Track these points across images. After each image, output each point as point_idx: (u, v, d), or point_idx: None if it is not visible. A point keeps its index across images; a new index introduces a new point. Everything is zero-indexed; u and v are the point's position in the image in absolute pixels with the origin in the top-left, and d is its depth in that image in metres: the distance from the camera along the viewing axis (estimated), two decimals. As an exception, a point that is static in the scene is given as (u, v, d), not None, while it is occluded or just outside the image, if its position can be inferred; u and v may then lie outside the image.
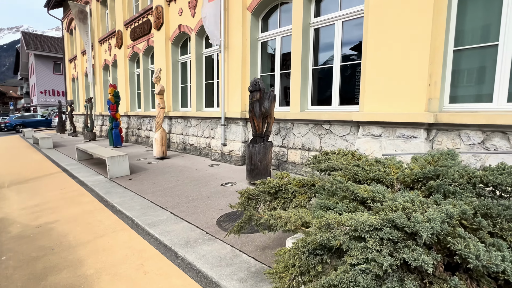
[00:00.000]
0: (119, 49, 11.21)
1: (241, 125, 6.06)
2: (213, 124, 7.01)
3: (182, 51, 8.58)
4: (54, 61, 31.43)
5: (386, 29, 3.77)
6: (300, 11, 4.98)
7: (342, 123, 4.45)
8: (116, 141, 9.51)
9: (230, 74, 6.23)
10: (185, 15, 7.75)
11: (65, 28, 18.19)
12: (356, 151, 2.24)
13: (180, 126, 8.21)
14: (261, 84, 4.27)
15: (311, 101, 5.25)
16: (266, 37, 5.97)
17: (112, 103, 9.40)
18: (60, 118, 16.96)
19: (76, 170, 5.97)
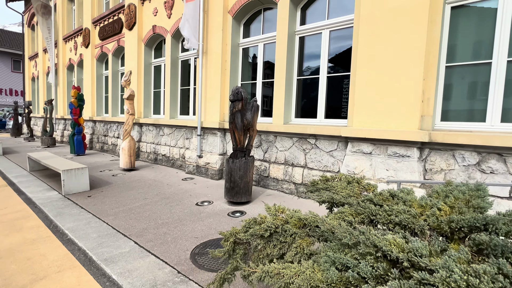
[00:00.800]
0: (86, 48, 10.33)
1: (219, 136, 5.60)
2: (188, 133, 6.48)
3: (156, 54, 8.00)
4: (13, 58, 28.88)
5: (377, 41, 3.56)
6: (285, 18, 4.69)
7: (329, 138, 4.16)
8: (78, 149, 8.60)
9: (208, 81, 5.78)
10: (160, 15, 7.21)
11: (26, 23, 16.71)
12: (362, 179, 1.90)
13: (151, 135, 7.56)
14: (243, 93, 3.88)
15: (295, 113, 4.94)
16: (248, 44, 5.62)
17: (75, 107, 8.52)
18: (16, 120, 15.35)
19: (25, 183, 5.14)
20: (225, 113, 5.70)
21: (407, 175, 3.33)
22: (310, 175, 4.32)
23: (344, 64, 4.43)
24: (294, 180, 4.51)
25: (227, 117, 5.68)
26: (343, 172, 3.75)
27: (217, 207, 3.92)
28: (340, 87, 4.48)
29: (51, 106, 10.99)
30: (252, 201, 4.16)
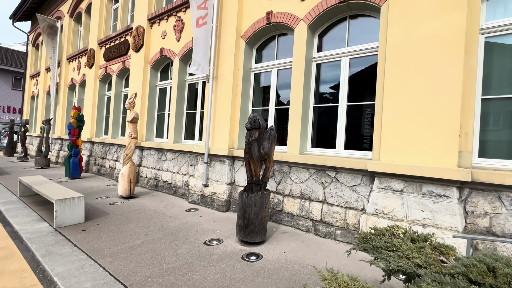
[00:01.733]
0: (90, 68, 10.18)
1: (227, 164, 5.24)
2: (192, 159, 6.11)
3: (162, 76, 7.82)
4: (14, 76, 28.91)
5: (407, 70, 3.34)
6: (302, 44, 4.52)
7: (352, 172, 3.82)
8: (74, 172, 8.14)
9: (217, 106, 5.51)
10: (169, 38, 7.10)
11: (31, 42, 16.77)
12: (432, 236, 1.53)
13: (152, 159, 7.18)
14: (261, 121, 3.58)
15: (311, 142, 4.64)
16: (261, 69, 5.43)
17: (74, 128, 8.18)
18: (11, 138, 14.90)
19: (13, 212, 4.66)
20: (234, 140, 5.39)
21: (446, 218, 2.96)
22: (330, 211, 3.93)
23: (366, 92, 4.20)
24: (312, 216, 4.10)
25: (236, 144, 5.35)
26: (370, 211, 3.38)
27: (229, 247, 3.47)
28: (362, 117, 4.22)
29: (49, 126, 10.64)
30: (267, 241, 3.72)
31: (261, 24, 5.11)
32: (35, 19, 16.45)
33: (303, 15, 4.55)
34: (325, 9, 4.30)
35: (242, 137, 5.44)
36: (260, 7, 5.15)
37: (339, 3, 4.14)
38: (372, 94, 4.11)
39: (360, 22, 4.30)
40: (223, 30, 5.56)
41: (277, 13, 4.88)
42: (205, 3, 5.63)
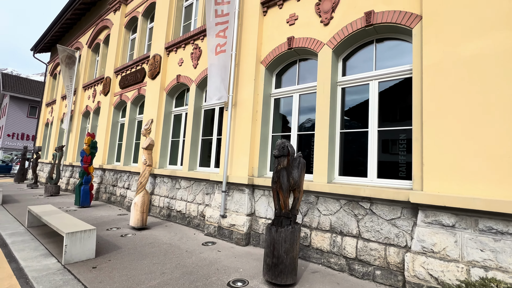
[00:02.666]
0: (105, 96, 10.29)
1: (246, 193, 4.92)
2: (208, 188, 5.82)
3: (177, 103, 7.77)
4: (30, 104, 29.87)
5: (450, 93, 3.09)
6: (327, 69, 4.38)
7: (389, 203, 3.46)
8: (84, 200, 7.89)
9: (236, 132, 5.31)
10: (185, 65, 7.13)
11: (49, 72, 17.37)
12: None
13: (165, 187, 6.90)
14: (290, 147, 3.33)
15: (339, 170, 4.33)
16: (281, 94, 5.28)
17: (87, 155, 8.05)
18: (22, 165, 14.92)
19: (19, 245, 4.36)
20: (253, 167, 5.11)
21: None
22: (366, 248, 3.52)
23: (398, 117, 3.95)
24: (345, 253, 3.68)
25: (256, 172, 5.07)
26: (416, 249, 2.98)
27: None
28: (396, 143, 3.93)
29: (61, 153, 10.59)
30: (298, 282, 3.30)
31: (282, 50, 5.03)
32: (54, 50, 17.19)
33: (327, 40, 4.45)
34: (350, 33, 4.19)
35: (263, 164, 5.17)
36: (280, 33, 5.11)
37: (365, 27, 4.04)
38: (405, 118, 3.86)
39: (388, 45, 4.16)
40: (243, 56, 5.51)
41: (299, 39, 4.80)
42: (224, 31, 5.64)
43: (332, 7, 4.44)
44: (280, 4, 5.19)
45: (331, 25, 4.44)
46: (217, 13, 5.79)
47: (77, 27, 14.41)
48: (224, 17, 5.71)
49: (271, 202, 4.68)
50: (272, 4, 5.32)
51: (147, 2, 9.20)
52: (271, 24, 5.33)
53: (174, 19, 7.89)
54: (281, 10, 5.20)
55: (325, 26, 4.52)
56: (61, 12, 13.03)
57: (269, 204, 4.71)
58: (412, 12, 3.63)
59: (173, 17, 7.90)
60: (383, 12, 3.88)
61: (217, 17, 5.79)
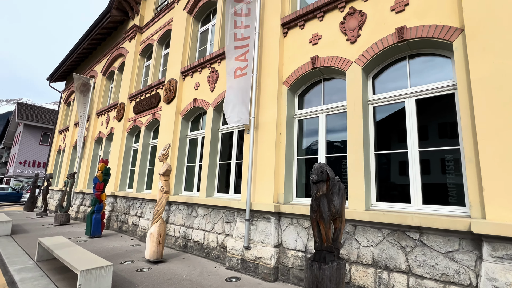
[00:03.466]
0: (119, 121, 10.25)
1: (272, 221, 4.54)
2: (228, 216, 5.44)
3: (193, 127, 7.60)
4: (43, 132, 30.46)
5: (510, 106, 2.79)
6: (357, 87, 4.15)
7: (443, 233, 3.05)
8: (95, 230, 7.54)
9: (259, 156, 5.03)
10: (202, 89, 7.03)
11: (63, 100, 17.73)
12: None
13: (181, 215, 6.54)
14: (329, 172, 3.01)
15: (376, 195, 3.95)
16: (305, 115, 5.05)
17: (100, 182, 7.81)
18: (33, 193, 14.76)
19: (28, 283, 3.99)
20: (279, 193, 4.76)
21: None
22: (421, 287, 3.06)
23: (441, 135, 3.63)
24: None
25: (282, 198, 4.71)
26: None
27: None
28: (440, 164, 3.58)
29: (73, 180, 10.39)
30: (345, 329, 2.84)
31: (306, 70, 4.86)
32: (69, 79, 17.66)
33: (355, 58, 4.27)
34: (381, 50, 4.00)
35: (288, 190, 4.82)
36: (303, 53, 4.97)
37: (398, 42, 3.85)
38: (448, 136, 3.54)
39: (421, 61, 3.93)
40: (264, 78, 5.36)
41: (324, 58, 4.64)
42: (244, 55, 5.55)
43: (358, 25, 4.30)
44: (302, 25, 5.11)
45: (359, 43, 4.27)
46: (237, 36, 5.74)
47: (92, 56, 14.83)
48: (243, 41, 5.65)
49: (301, 231, 4.28)
50: (293, 25, 5.24)
51: (163, 30, 9.38)
52: (292, 44, 5.22)
53: (190, 44, 7.94)
54: (303, 30, 5.10)
55: (352, 44, 4.36)
56: (77, 43, 13.47)
57: (298, 234, 4.30)
58: (451, 26, 3.43)
59: (189, 42, 7.96)
60: (417, 27, 3.70)
61: (236, 40, 5.73)
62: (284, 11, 5.45)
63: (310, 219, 3.02)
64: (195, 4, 8.00)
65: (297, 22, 5.17)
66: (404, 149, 3.83)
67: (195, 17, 8.12)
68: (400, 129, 3.94)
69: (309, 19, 5.04)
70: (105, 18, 11.28)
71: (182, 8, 8.27)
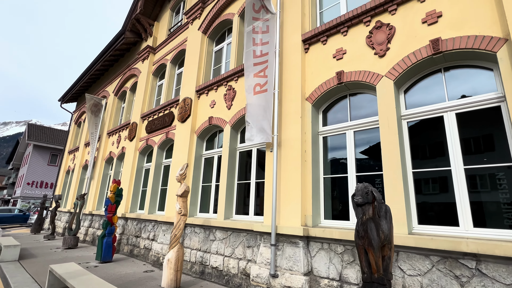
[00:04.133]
0: (130, 141, 10.14)
1: (301, 246, 4.21)
2: (250, 240, 5.11)
3: (208, 146, 7.42)
4: (51, 152, 30.65)
5: None
6: (389, 102, 3.94)
7: (505, 261, 2.71)
8: (106, 254, 7.20)
9: (283, 176, 4.78)
10: (218, 107, 6.91)
11: (74, 120, 17.85)
12: None
13: (197, 239, 6.20)
14: (375, 193, 2.74)
15: (417, 217, 3.63)
16: (331, 132, 4.83)
17: (112, 203, 7.56)
18: (40, 214, 14.51)
19: (40, 317, 3.67)
20: (306, 215, 4.46)
21: None
22: (485, 324, 2.69)
23: (484, 150, 3.36)
24: (452, 330, 2.84)
25: (310, 221, 4.40)
26: None
27: None
28: (488, 182, 3.28)
29: (83, 201, 10.15)
30: None
31: (331, 85, 4.70)
32: (80, 100, 17.89)
33: (385, 71, 4.10)
34: (414, 63, 3.83)
35: (316, 212, 4.51)
36: (327, 68, 4.83)
37: (433, 55, 3.67)
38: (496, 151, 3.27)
39: (460, 73, 3.73)
40: (285, 94, 5.21)
41: (350, 72, 4.48)
42: (263, 71, 5.44)
43: (387, 38, 4.17)
44: (324, 40, 5.01)
45: (388, 56, 4.11)
46: (255, 53, 5.66)
47: (104, 77, 15.04)
48: (262, 57, 5.56)
49: (334, 258, 3.94)
50: (315, 41, 5.15)
51: (176, 50, 9.45)
52: (314, 60, 5.10)
53: (204, 63, 7.92)
54: (325, 46, 4.99)
55: (380, 57, 4.20)
56: (91, 64, 13.69)
57: (330, 261, 3.95)
58: (493, 36, 3.25)
59: (203, 61, 7.95)
60: (454, 38, 3.53)
61: (255, 57, 5.65)
62: (305, 27, 5.39)
63: (355, 247, 2.71)
64: (210, 24, 8.06)
65: (319, 37, 5.07)
66: (445, 166, 3.55)
67: (209, 37, 8.16)
68: (438, 145, 3.69)
69: (332, 34, 4.94)
70: (119, 40, 11.48)
71: (197, 28, 8.35)
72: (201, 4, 8.34)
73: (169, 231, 6.87)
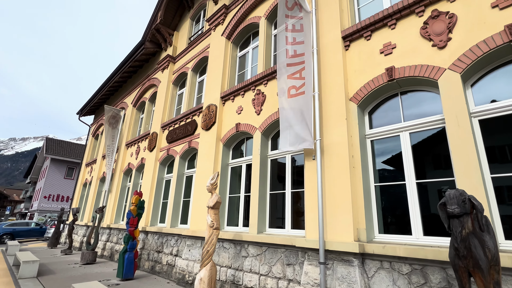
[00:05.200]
0: (150, 151, 9.86)
1: (356, 265, 3.66)
2: (290, 256, 4.58)
3: (234, 154, 7.01)
4: (68, 166, 30.97)
5: None
6: (457, 97, 3.45)
7: None
8: (127, 271, 6.77)
9: (328, 184, 4.28)
10: (246, 113, 6.53)
11: (91, 133, 17.89)
12: None
13: (227, 255, 5.70)
14: (474, 201, 2.22)
15: (504, 231, 3.06)
16: (381, 134, 4.33)
17: (133, 216, 7.19)
18: (57, 228, 14.31)
19: None
20: (359, 229, 3.92)
21: None
22: None
23: None
24: None
25: (363, 235, 3.86)
26: None
27: None
28: None
29: (101, 214, 9.84)
30: None
31: (379, 83, 4.25)
32: (98, 113, 17.98)
33: (447, 64, 3.62)
34: (485, 52, 3.35)
35: (370, 225, 3.97)
36: (374, 65, 4.39)
37: (510, 41, 3.19)
38: None
39: (542, 63, 3.23)
40: (325, 95, 4.78)
41: (404, 68, 4.02)
42: (299, 72, 5.04)
43: (447, 27, 3.71)
44: (368, 35, 4.59)
45: (451, 47, 3.65)
46: (289, 53, 5.29)
47: (122, 89, 15.05)
48: (297, 58, 5.17)
49: (398, 279, 3.37)
50: (356, 37, 4.74)
51: (198, 57, 9.24)
52: (357, 57, 4.68)
53: (229, 68, 7.63)
54: (370, 41, 4.58)
55: (440, 49, 3.74)
56: (110, 76, 13.72)
57: (394, 283, 3.38)
58: None
59: (228, 67, 7.66)
60: (537, 21, 3.05)
61: (288, 57, 5.27)
62: (344, 24, 5.00)
63: (454, 268, 2.18)
64: (234, 28, 7.82)
65: (361, 33, 4.67)
66: (537, 170, 3.00)
67: (233, 42, 7.90)
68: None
69: (377, 29, 4.53)
70: (139, 50, 11.43)
71: (220, 34, 8.12)
72: (225, 9, 8.14)
73: (194, 246, 6.40)
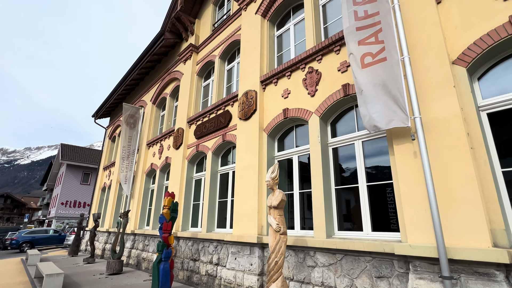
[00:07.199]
0: (176, 149, 9.00)
1: (501, 280, 2.63)
2: (381, 267, 3.58)
3: (279, 145, 6.06)
4: (84, 171, 30.67)
5: None
6: None
7: None
8: (164, 283, 5.88)
9: (441, 169, 3.27)
10: (295, 96, 5.57)
11: (108, 135, 17.27)
12: None
13: (286, 264, 4.73)
14: None
15: None
16: (503, 104, 3.29)
17: (167, 220, 6.30)
18: (78, 235, 13.64)
19: None
20: (494, 229, 2.89)
21: None
22: None
23: None
24: None
25: (503, 238, 2.83)
26: None
27: None
28: None
29: (126, 219, 9.04)
30: None
31: (498, 37, 3.21)
32: (113, 114, 17.35)
33: None
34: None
35: (504, 222, 2.94)
36: (486, 17, 3.36)
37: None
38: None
39: None
40: (418, 60, 3.77)
41: (542, 11, 2.99)
42: (375, 36, 4.04)
43: None
44: (472, -20, 3.56)
45: None
46: (358, 15, 4.30)
47: (139, 88, 14.32)
48: (369, 19, 4.18)
49: None
50: (453, -15, 3.72)
51: (226, 43, 8.34)
52: (457, 11, 3.65)
53: (267, 49, 6.69)
54: (476, -13, 3.54)
55: None
56: (127, 72, 13.00)
57: None
58: None
59: (266, 47, 6.73)
60: None
61: (357, 20, 4.29)
62: (432, -28, 3.98)
63: None
64: (271, 4, 6.87)
65: (461, -22, 3.64)
66: None
67: (270, 20, 6.96)
68: None
69: (487, -30, 3.49)
70: (158, 42, 10.63)
71: (254, 13, 7.19)
72: (258, -16, 7.21)
73: (242, 254, 5.46)
